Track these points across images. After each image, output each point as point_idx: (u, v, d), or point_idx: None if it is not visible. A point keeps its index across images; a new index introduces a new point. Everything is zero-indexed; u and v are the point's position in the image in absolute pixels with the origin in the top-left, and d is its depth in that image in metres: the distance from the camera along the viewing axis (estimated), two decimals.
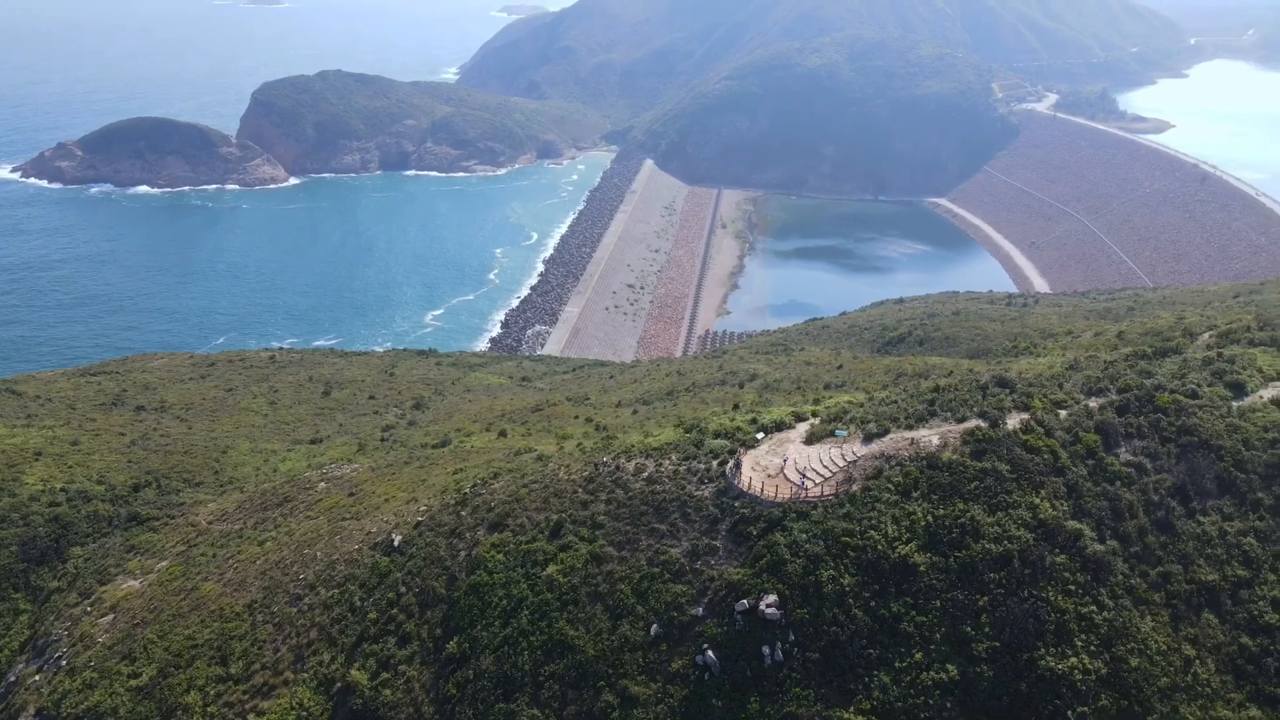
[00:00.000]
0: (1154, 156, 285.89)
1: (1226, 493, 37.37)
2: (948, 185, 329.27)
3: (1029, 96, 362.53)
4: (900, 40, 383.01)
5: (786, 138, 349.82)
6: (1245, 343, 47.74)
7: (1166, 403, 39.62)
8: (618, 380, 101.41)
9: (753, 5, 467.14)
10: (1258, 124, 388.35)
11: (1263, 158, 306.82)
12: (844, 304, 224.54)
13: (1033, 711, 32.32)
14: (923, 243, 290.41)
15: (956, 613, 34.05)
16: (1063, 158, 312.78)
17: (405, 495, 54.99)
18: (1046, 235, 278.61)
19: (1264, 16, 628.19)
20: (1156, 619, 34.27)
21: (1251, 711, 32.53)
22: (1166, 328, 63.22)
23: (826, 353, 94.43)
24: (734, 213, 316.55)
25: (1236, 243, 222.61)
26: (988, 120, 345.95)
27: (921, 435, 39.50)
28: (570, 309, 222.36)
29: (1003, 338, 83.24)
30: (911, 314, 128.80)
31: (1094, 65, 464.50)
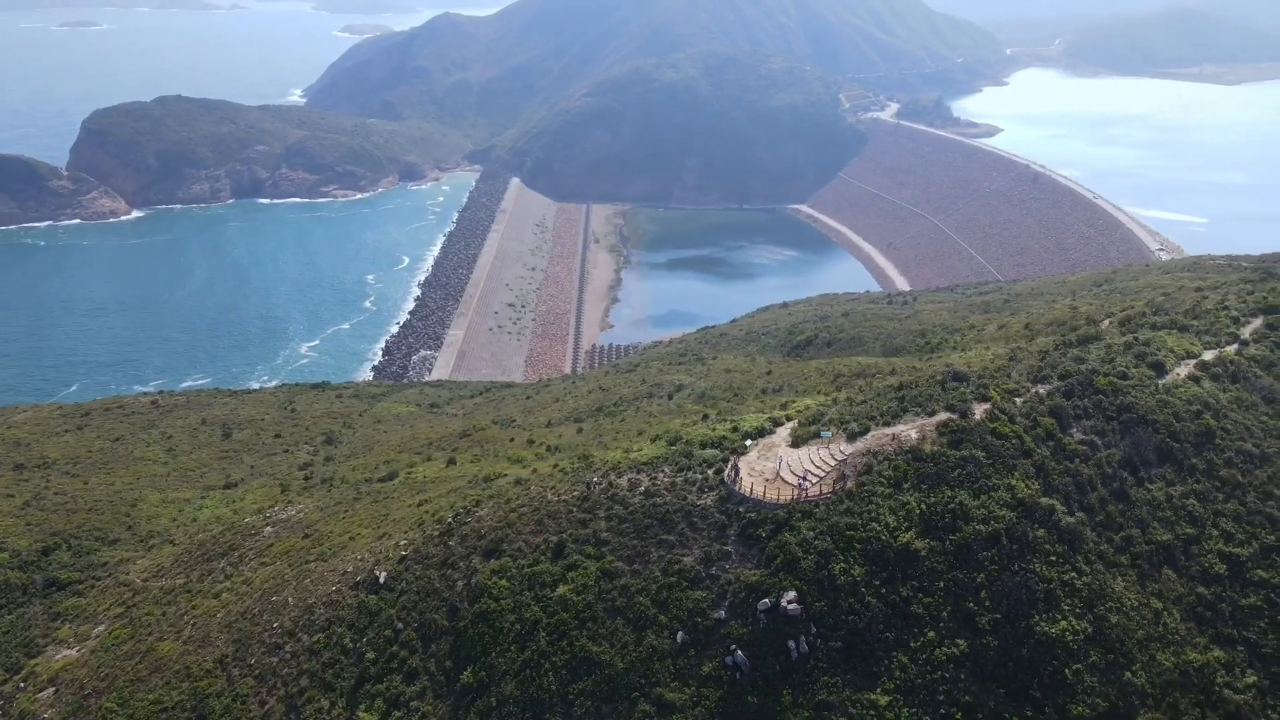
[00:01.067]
0: (990, 159, 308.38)
1: (1166, 461, 42.12)
2: (807, 192, 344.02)
3: (873, 106, 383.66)
4: (751, 55, 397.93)
5: (650, 151, 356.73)
6: (1147, 327, 53.55)
7: (1104, 385, 44.19)
8: (536, 401, 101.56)
9: (606, 22, 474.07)
10: (1072, 126, 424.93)
11: (1081, 157, 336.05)
12: (722, 311, 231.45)
13: (1034, 673, 35.52)
14: (789, 248, 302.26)
15: (958, 591, 36.99)
16: (909, 162, 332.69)
17: (373, 532, 53.90)
18: (901, 236, 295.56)
19: (1068, 28, 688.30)
20: (1126, 579, 38.32)
21: (1215, 652, 36.90)
22: (1068, 317, 69.75)
23: (742, 360, 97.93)
24: (605, 227, 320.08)
25: (1069, 235, 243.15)
26: (839, 129, 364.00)
27: (900, 430, 42.51)
28: (454, 332, 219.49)
29: (908, 335, 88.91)
30: (803, 317, 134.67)
31: (926, 75, 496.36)
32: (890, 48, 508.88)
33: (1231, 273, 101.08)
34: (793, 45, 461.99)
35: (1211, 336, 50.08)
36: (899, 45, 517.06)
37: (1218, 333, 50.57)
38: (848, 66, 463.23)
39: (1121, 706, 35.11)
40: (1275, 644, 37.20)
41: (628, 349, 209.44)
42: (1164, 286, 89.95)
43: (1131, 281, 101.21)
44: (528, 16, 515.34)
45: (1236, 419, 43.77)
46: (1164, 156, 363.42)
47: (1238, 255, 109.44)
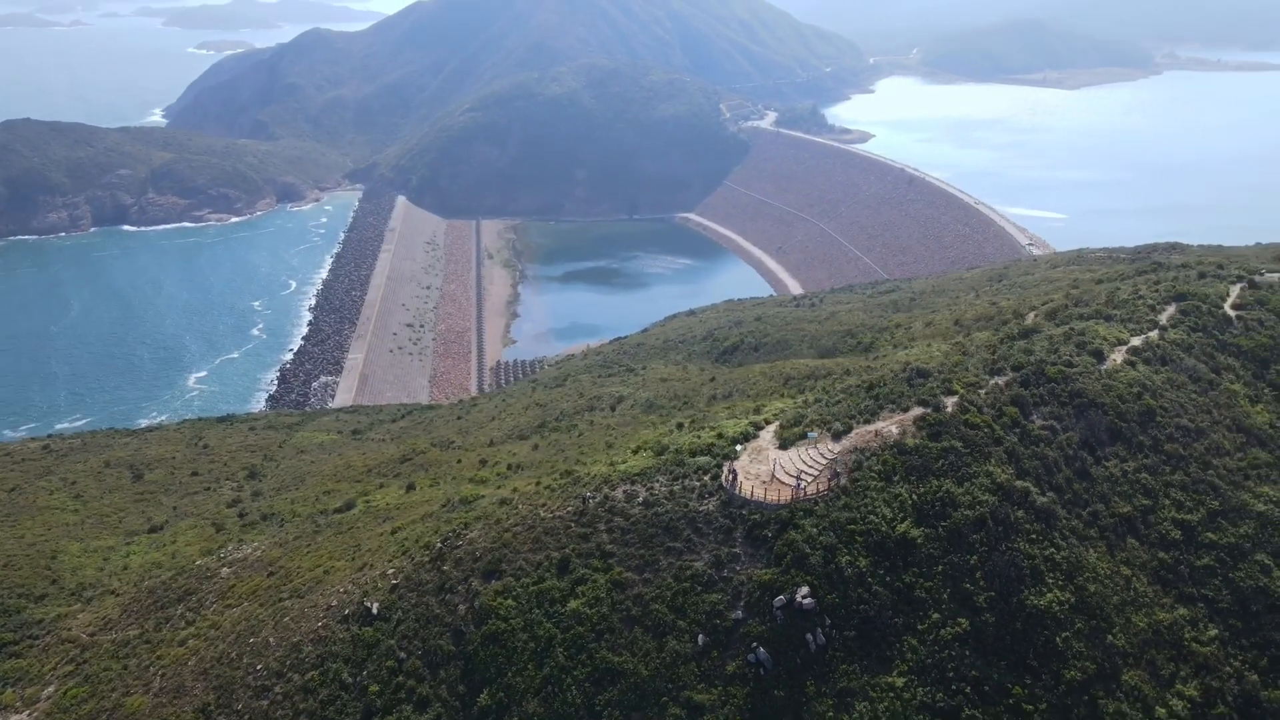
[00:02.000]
0: (867, 164, 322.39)
1: (1117, 440, 46.04)
2: (695, 200, 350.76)
3: (753, 115, 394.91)
4: (633, 67, 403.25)
5: (538, 165, 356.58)
6: (1075, 318, 58.14)
7: (1055, 374, 47.91)
8: (468, 421, 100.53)
9: (482, 37, 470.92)
10: (937, 130, 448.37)
11: (948, 159, 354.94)
12: (623, 321, 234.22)
13: (1029, 644, 38.36)
14: (682, 256, 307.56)
15: (955, 574, 39.53)
16: (791, 169, 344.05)
17: (349, 564, 52.71)
18: (789, 240, 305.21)
19: (923, 38, 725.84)
20: (1097, 550, 41.75)
21: (1180, 610, 40.69)
22: (994, 313, 74.57)
23: (674, 368, 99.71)
24: (498, 242, 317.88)
25: (947, 234, 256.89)
26: (721, 138, 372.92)
27: (881, 427, 44.95)
28: (354, 356, 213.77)
29: (835, 336, 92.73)
30: (717, 323, 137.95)
31: (798, 84, 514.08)
32: (763, 59, 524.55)
33: (1113, 264, 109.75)
34: (670, 57, 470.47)
35: (1135, 324, 54.92)
36: (771, 56, 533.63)
37: (1139, 320, 55.50)
38: (724, 77, 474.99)
39: (1107, 667, 38.29)
40: (1229, 599, 41.31)
41: (533, 363, 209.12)
42: (1058, 280, 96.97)
43: (1025, 276, 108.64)
44: (402, 32, 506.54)
45: (1171, 398, 48.27)
46: (1021, 157, 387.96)
47: (1114, 248, 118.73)
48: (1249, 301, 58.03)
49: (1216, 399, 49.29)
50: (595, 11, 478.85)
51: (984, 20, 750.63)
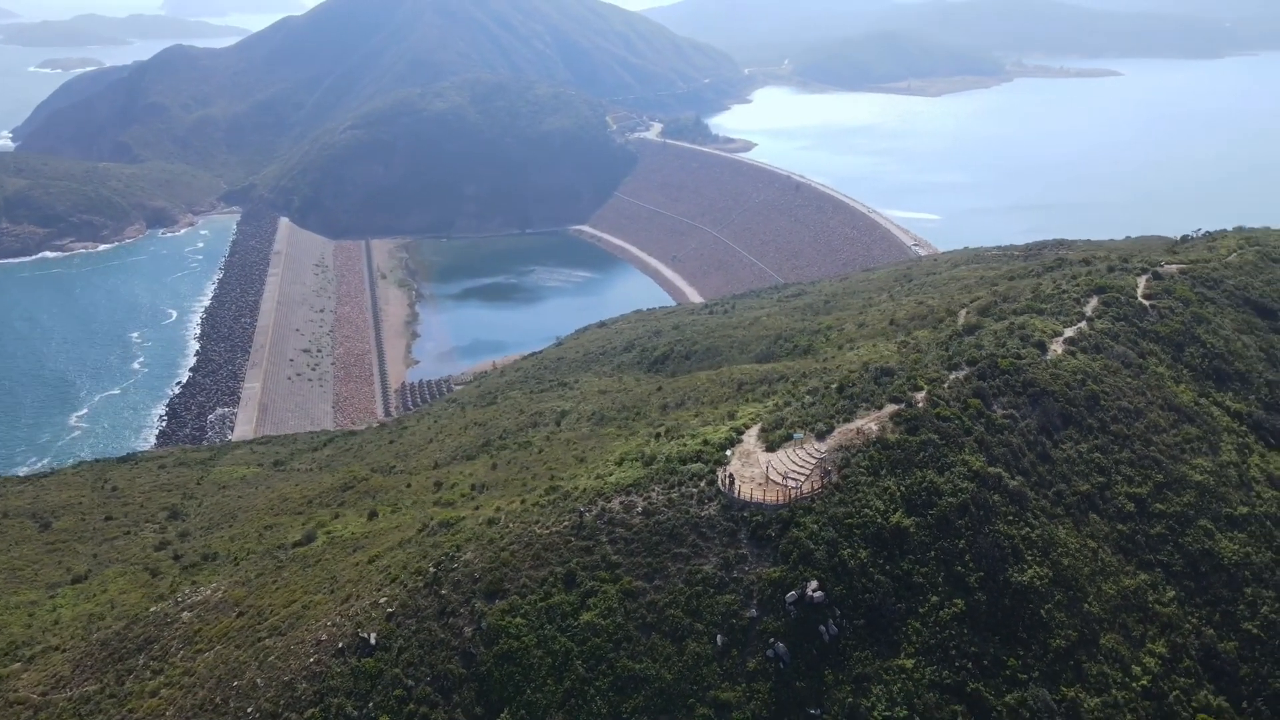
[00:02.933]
0: (755, 172, 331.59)
1: (1070, 424, 49.90)
2: (587, 213, 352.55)
3: (639, 126, 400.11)
4: (517, 81, 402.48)
5: (426, 182, 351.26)
6: (1007, 314, 62.43)
7: (1007, 365, 51.52)
8: (402, 445, 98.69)
9: (360, 52, 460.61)
10: (815, 138, 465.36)
11: (828, 165, 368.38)
12: (528, 336, 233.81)
13: (1018, 618, 41.28)
14: (579, 268, 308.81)
15: (946, 558, 42.14)
16: (680, 179, 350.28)
17: (330, 597, 51.43)
18: (684, 248, 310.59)
19: (793, 49, 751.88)
20: (1065, 527, 45.21)
21: (1141, 576, 44.52)
22: (925, 312, 78.74)
23: (609, 380, 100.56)
24: (390, 262, 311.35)
25: (836, 237, 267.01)
26: (609, 150, 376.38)
27: (861, 425, 47.36)
28: (250, 385, 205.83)
29: (766, 341, 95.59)
30: (636, 333, 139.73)
31: (679, 95, 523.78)
32: (642, 71, 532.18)
33: (1009, 261, 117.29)
34: (552, 71, 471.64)
35: (1065, 317, 59.47)
36: (650, 68, 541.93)
37: (1068, 313, 60.12)
38: (606, 90, 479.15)
39: (1086, 633, 41.59)
40: (1181, 562, 45.47)
41: (440, 383, 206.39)
42: (964, 278, 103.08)
43: (931, 276, 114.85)
44: (272, 47, 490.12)
45: (1111, 383, 52.62)
46: (895, 162, 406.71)
47: (1005, 246, 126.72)
48: (1157, 291, 63.71)
49: (1147, 381, 54.06)
50: (475, 26, 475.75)
51: (848, 32, 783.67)
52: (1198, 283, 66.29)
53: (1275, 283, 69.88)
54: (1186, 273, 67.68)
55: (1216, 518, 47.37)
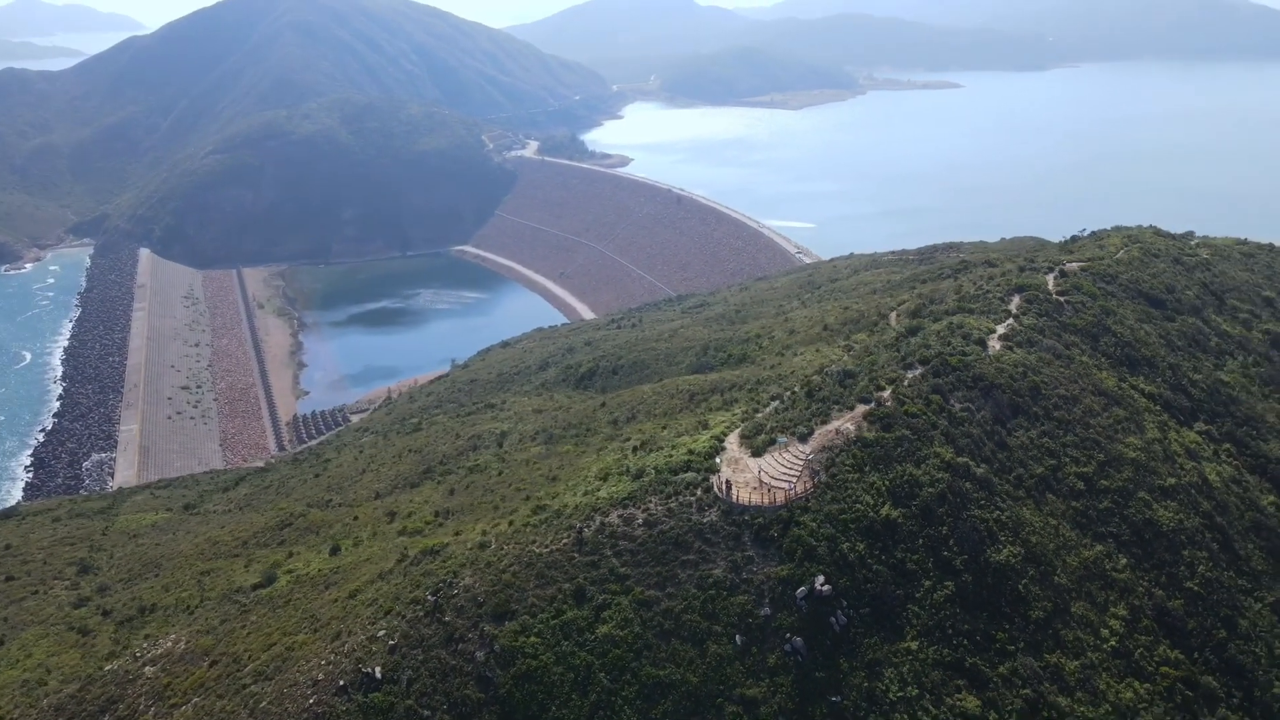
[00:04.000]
0: (636, 186, 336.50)
1: (1019, 413, 54.12)
2: (469, 233, 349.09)
3: (515, 145, 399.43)
4: (388, 101, 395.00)
5: (300, 207, 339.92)
6: (939, 314, 66.82)
7: (956, 363, 55.42)
8: (332, 477, 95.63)
9: (216, 73, 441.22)
10: (690, 151, 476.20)
11: (705, 178, 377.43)
12: (423, 360, 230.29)
13: (1001, 594, 44.65)
14: (466, 289, 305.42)
15: (933, 544, 45.14)
16: (562, 195, 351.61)
17: (315, 636, 49.96)
18: (571, 265, 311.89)
19: (660, 65, 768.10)
20: (1028, 507, 49.11)
21: (1097, 547, 48.83)
22: (856, 316, 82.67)
23: (541, 399, 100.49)
24: (266, 290, 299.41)
25: (722, 248, 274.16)
26: (488, 169, 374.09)
27: (838, 425, 50.00)
28: (128, 427, 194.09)
29: (693, 352, 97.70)
30: (549, 350, 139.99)
31: (551, 113, 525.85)
32: (513, 89, 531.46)
33: (906, 265, 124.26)
34: (422, 90, 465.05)
35: (995, 315, 64.23)
36: (521, 86, 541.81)
37: (995, 311, 64.96)
38: (478, 108, 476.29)
39: (1059, 603, 45.39)
40: (1128, 532, 50.10)
41: (336, 413, 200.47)
42: (871, 282, 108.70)
43: (835, 282, 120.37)
44: (116, 70, 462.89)
45: (1048, 374, 57.34)
46: (767, 173, 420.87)
47: (899, 250, 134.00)
48: (1067, 288, 69.60)
49: (1077, 371, 59.14)
50: (338, 45, 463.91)
51: (709, 48, 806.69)
52: (1097, 279, 72.81)
53: (1159, 276, 77.50)
54: (1087, 270, 74.22)
55: (1152, 489, 52.44)
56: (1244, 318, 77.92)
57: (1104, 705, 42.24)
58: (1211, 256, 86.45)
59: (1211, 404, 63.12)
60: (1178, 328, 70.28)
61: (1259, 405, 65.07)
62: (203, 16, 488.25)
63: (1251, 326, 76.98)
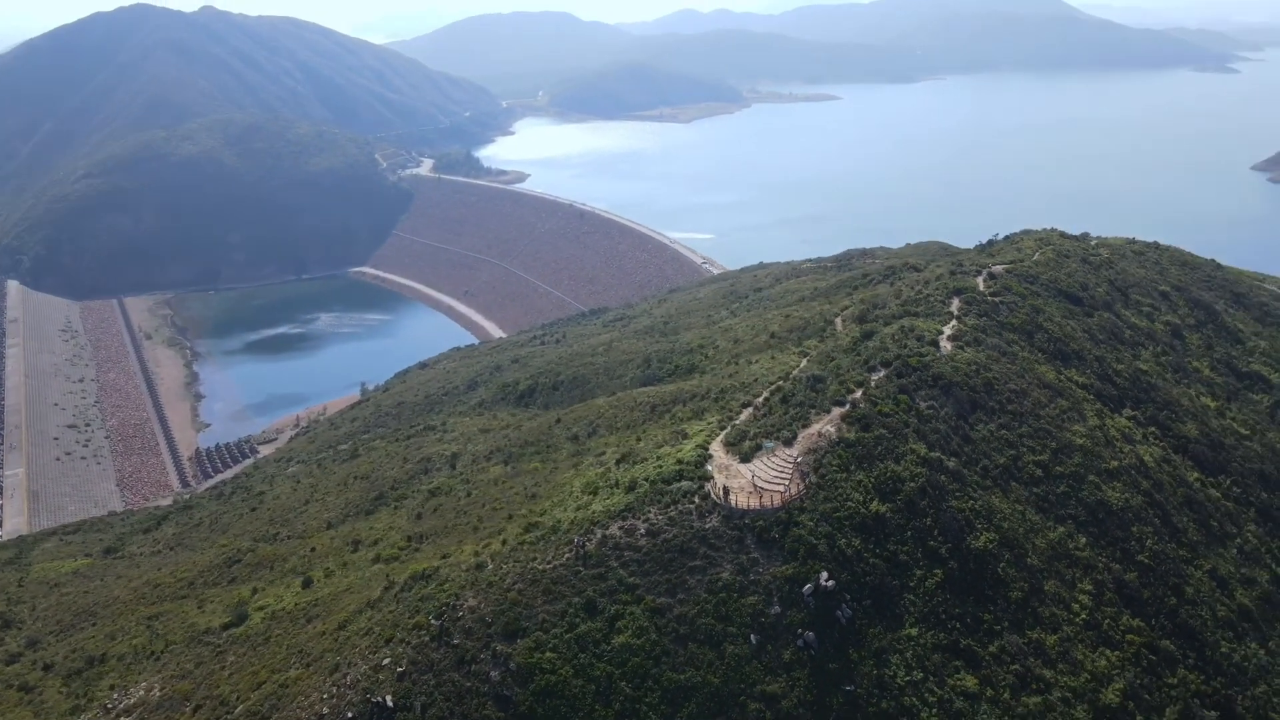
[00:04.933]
0: (537, 202, 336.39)
1: (977, 409, 57.67)
2: (366, 253, 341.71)
3: (410, 163, 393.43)
4: (275, 121, 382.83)
5: (184, 232, 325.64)
6: (884, 319, 70.29)
7: (916, 364, 58.66)
8: (271, 510, 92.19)
9: (82, 93, 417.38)
10: (586, 166, 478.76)
11: (603, 192, 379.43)
12: (328, 386, 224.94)
13: (983, 578, 47.64)
14: (368, 311, 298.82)
15: (919, 535, 47.79)
16: (461, 213, 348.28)
17: (308, 671, 48.78)
18: (475, 282, 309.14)
19: (547, 81, 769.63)
20: (997, 496, 52.47)
21: (1059, 529, 52.52)
22: (799, 325, 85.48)
23: (484, 419, 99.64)
24: (153, 321, 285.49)
25: (629, 261, 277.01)
26: (383, 188, 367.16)
27: (819, 429, 52.23)
28: (12, 472, 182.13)
29: (635, 365, 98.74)
30: (472, 370, 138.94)
31: (443, 130, 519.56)
32: (402, 106, 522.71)
33: (826, 273, 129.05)
34: (308, 109, 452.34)
35: (939, 317, 68.04)
36: (410, 104, 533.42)
37: (939, 313, 68.81)
38: (367, 127, 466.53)
39: (1033, 583, 48.71)
40: (1084, 513, 54.07)
41: (242, 444, 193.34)
42: (797, 290, 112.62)
43: (760, 292, 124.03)
44: None
45: (998, 370, 61.25)
46: (665, 185, 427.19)
47: (815, 258, 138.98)
48: (997, 289, 74.31)
49: (1021, 366, 63.35)
50: (215, 63, 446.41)
51: (595, 63, 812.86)
52: (1022, 280, 77.99)
53: (1074, 275, 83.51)
54: (1011, 272, 79.40)
55: (1099, 473, 56.74)
56: (1147, 311, 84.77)
57: (1083, 674, 45.59)
58: (1111, 255, 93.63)
59: (1135, 391, 68.60)
60: (1096, 322, 76.00)
61: (1174, 390, 71.10)
62: (65, 33, 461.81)
63: (1154, 319, 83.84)
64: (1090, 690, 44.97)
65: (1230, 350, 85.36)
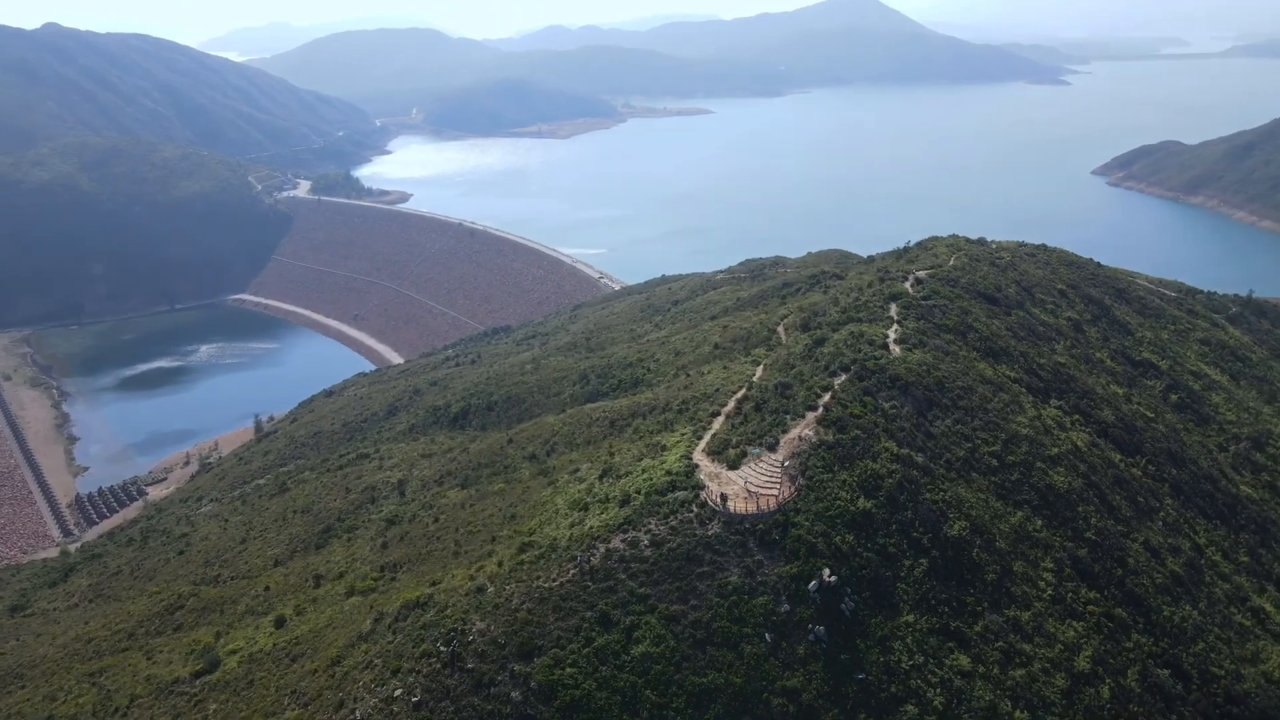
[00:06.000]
0: (425, 222, 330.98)
1: (933, 406, 61.41)
2: (244, 280, 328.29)
3: (286, 185, 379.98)
4: (137, 145, 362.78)
5: (38, 264, 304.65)
6: (825, 325, 73.68)
7: (874, 367, 62.01)
8: (199, 553, 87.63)
9: None
10: (467, 184, 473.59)
11: (490, 211, 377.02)
12: (216, 420, 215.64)
13: (961, 563, 50.98)
14: (250, 340, 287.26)
15: (903, 528, 50.72)
16: (346, 235, 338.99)
17: (306, 711, 47.28)
18: (365, 306, 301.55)
19: (420, 98, 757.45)
20: (962, 486, 56.11)
21: (1018, 514, 56.62)
22: (740, 335, 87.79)
23: (421, 444, 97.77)
24: (10, 360, 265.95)
25: (525, 279, 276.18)
26: (259, 212, 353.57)
27: (799, 433, 54.59)
28: None
29: (571, 382, 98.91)
30: (390, 396, 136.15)
31: (317, 150, 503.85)
32: (273, 126, 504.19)
33: (742, 284, 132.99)
34: (171, 131, 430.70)
35: (882, 322, 71.86)
36: (281, 124, 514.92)
37: (881, 318, 72.65)
38: (236, 148, 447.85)
39: (1003, 565, 52.42)
40: (1036, 498, 58.44)
41: (129, 486, 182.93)
42: (719, 300, 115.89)
43: (679, 304, 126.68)
44: None
45: (944, 369, 65.31)
46: (551, 201, 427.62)
47: (725, 268, 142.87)
48: (927, 293, 79.01)
49: (963, 364, 67.73)
50: (64, 84, 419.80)
51: (468, 80, 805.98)
52: (944, 283, 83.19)
53: (987, 278, 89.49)
54: (934, 276, 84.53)
55: (1044, 459, 61.41)
56: (1051, 308, 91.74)
57: (1057, 645, 49.42)
58: (1012, 258, 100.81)
59: (1057, 383, 74.32)
60: (1014, 320, 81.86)
61: (1089, 380, 77.39)
62: None
63: (1058, 315, 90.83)
64: (1065, 660, 48.77)
65: (1124, 341, 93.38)
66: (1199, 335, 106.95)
